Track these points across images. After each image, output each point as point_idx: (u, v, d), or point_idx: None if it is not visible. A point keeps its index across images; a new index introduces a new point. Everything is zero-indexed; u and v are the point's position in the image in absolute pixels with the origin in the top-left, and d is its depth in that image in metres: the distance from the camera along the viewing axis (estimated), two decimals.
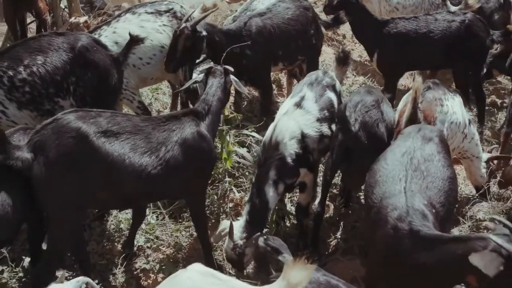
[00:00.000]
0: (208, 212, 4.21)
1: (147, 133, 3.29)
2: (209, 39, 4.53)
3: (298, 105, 3.80)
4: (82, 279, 2.66)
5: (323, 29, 5.18)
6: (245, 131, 4.63)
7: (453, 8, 6.03)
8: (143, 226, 4.06)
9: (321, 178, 4.11)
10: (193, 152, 3.39)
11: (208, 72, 3.83)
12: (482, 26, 5.26)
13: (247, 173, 4.61)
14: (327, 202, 4.12)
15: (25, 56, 3.85)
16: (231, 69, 3.88)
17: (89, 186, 3.12)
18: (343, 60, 4.28)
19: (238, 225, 3.51)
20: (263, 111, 5.15)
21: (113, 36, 4.53)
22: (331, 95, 3.99)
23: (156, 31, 4.71)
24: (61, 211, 3.16)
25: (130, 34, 4.08)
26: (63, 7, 7.24)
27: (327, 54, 5.86)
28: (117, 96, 4.23)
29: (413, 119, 3.70)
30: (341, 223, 4.41)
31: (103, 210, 4.05)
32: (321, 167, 4.25)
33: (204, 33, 4.46)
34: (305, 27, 4.98)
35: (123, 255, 3.81)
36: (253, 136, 4.63)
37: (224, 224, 3.50)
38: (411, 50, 5.23)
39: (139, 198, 3.47)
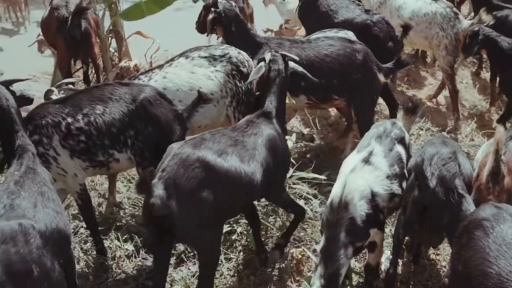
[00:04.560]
0: (266, 271, 3.98)
1: (242, 142, 3.48)
2: (226, 19, 4.62)
3: (367, 161, 3.52)
4: None
5: (381, 77, 4.84)
6: (302, 173, 4.45)
7: (465, 22, 6.00)
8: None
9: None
10: (275, 150, 3.62)
11: (270, 61, 3.97)
12: (385, 28, 5.39)
13: (305, 226, 4.34)
14: None
15: (86, 105, 3.74)
16: (292, 56, 4.05)
17: (222, 206, 3.24)
18: (412, 109, 3.99)
19: None
20: None
21: (163, 81, 4.26)
22: (400, 149, 3.70)
23: (207, 78, 4.37)
24: (205, 238, 3.26)
25: (198, 91, 3.89)
26: (113, 51, 7.30)
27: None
28: None
29: (495, 173, 3.36)
30: (411, 282, 4.05)
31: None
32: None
33: (219, 9, 4.62)
34: (346, 68, 4.74)
35: None
36: (313, 178, 4.46)
37: None
38: None
39: (248, 204, 3.76)
